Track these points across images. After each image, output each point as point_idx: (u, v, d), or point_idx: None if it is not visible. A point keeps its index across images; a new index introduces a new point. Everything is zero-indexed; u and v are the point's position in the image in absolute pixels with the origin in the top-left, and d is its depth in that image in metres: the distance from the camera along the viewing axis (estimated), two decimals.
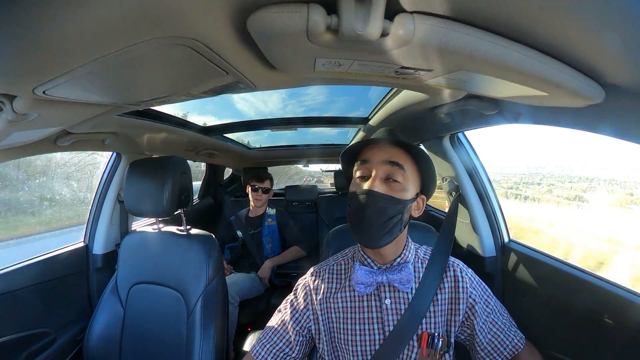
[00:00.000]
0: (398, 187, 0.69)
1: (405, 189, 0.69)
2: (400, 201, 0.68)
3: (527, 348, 0.76)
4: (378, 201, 0.66)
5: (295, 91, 1.77)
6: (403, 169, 0.69)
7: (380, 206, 0.66)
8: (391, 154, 0.70)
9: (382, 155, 0.70)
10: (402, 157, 0.70)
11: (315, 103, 1.91)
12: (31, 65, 0.44)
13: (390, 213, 0.67)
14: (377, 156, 0.70)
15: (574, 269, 0.90)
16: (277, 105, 1.97)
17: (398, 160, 0.69)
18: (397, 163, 0.69)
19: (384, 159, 0.69)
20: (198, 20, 0.39)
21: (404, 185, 0.69)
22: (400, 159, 0.70)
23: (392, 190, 0.68)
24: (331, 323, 0.77)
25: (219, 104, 1.81)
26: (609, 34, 0.38)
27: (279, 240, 2.25)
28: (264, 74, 0.62)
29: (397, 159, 0.69)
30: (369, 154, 0.72)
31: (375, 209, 0.66)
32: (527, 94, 0.58)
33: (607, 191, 3.16)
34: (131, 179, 1.18)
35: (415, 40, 0.39)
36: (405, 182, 0.69)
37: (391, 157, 0.69)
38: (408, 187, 0.70)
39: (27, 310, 1.16)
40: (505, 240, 1.22)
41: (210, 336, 1.06)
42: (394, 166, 0.69)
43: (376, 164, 0.69)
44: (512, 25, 0.40)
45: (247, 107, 1.95)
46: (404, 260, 0.75)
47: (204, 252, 1.14)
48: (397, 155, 0.70)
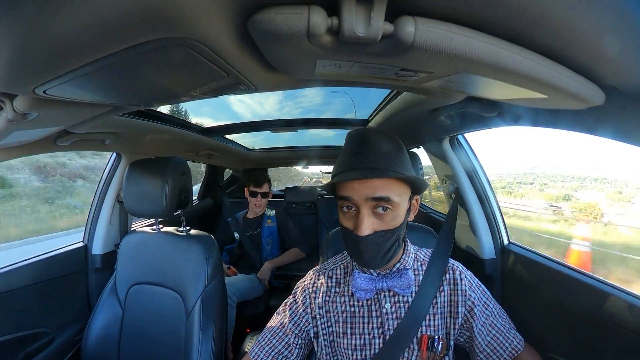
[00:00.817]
0: (389, 217, 0.64)
1: (397, 215, 0.65)
2: (394, 230, 0.65)
3: (526, 350, 0.76)
4: (372, 242, 0.64)
5: (291, 93, 1.78)
6: (390, 200, 0.62)
7: (376, 244, 0.65)
8: (373, 187, 0.62)
9: (364, 191, 0.62)
10: (386, 185, 0.63)
11: (312, 105, 1.92)
12: (32, 64, 0.44)
13: (389, 244, 0.66)
14: (359, 192, 0.63)
15: (573, 271, 0.90)
16: (274, 107, 1.98)
17: (382, 194, 0.62)
18: (382, 198, 0.62)
19: (367, 196, 0.62)
20: (198, 21, 0.39)
21: (395, 213, 0.64)
22: (385, 189, 0.62)
23: (384, 222, 0.64)
24: (330, 327, 0.77)
25: (216, 106, 1.81)
26: (609, 37, 0.38)
27: (278, 242, 2.24)
28: (264, 76, 0.62)
29: (382, 191, 0.62)
30: (349, 191, 0.64)
31: (372, 249, 0.65)
32: (527, 97, 0.58)
33: (597, 190, 3.33)
34: (131, 179, 1.18)
35: (416, 43, 0.39)
36: (395, 209, 0.64)
37: (374, 191, 0.62)
38: (399, 211, 0.65)
39: (26, 309, 1.15)
40: (505, 242, 1.22)
41: (209, 337, 1.05)
42: (380, 201, 0.62)
43: (360, 201, 0.63)
44: (513, 28, 0.40)
45: (243, 108, 1.96)
46: (403, 266, 0.75)
47: (203, 252, 1.14)
48: (380, 187, 0.62)
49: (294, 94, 1.81)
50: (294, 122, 1.89)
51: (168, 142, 1.57)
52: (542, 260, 1.02)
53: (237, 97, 1.62)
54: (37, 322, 1.18)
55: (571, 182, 4.67)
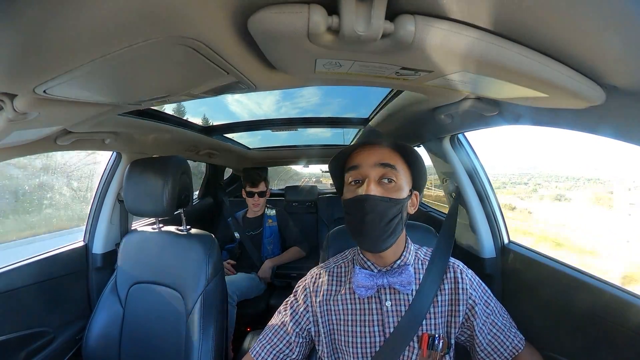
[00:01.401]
0: (393, 187, 0.69)
1: (400, 188, 0.69)
2: (398, 201, 0.68)
3: (527, 349, 0.76)
4: (377, 205, 0.66)
5: (289, 93, 1.77)
6: (395, 169, 0.69)
7: (380, 209, 0.66)
8: (381, 155, 0.70)
9: (373, 158, 0.69)
10: (392, 156, 0.70)
11: (309, 105, 1.92)
12: (32, 64, 0.44)
13: (391, 214, 0.67)
14: (368, 160, 0.69)
15: (573, 271, 0.90)
16: (271, 107, 1.98)
17: (389, 161, 0.69)
18: (389, 164, 0.68)
19: (375, 162, 0.69)
20: (199, 20, 0.39)
21: (399, 185, 0.69)
22: (391, 159, 0.69)
23: (388, 191, 0.68)
24: (331, 325, 0.77)
25: (213, 106, 1.81)
26: (609, 36, 0.38)
27: (279, 241, 2.25)
28: (265, 75, 0.62)
29: (388, 159, 0.69)
30: (359, 159, 0.71)
31: (376, 213, 0.66)
32: (528, 95, 0.58)
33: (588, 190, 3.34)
34: (131, 179, 1.18)
35: (416, 42, 0.39)
36: (399, 181, 0.69)
37: (382, 158, 0.69)
38: (402, 185, 0.70)
39: (27, 309, 1.16)
40: (505, 241, 1.22)
41: (210, 336, 1.06)
42: (386, 167, 0.68)
43: (368, 168, 0.69)
44: (513, 26, 0.40)
45: (240, 108, 1.95)
46: (404, 263, 0.75)
47: (203, 252, 1.14)
48: (387, 156, 0.70)
49: (291, 94, 1.81)
50: (294, 121, 1.89)
51: (168, 141, 1.57)
52: (542, 260, 1.02)
53: (235, 97, 1.62)
54: (37, 322, 1.18)
55: (565, 182, 4.71)
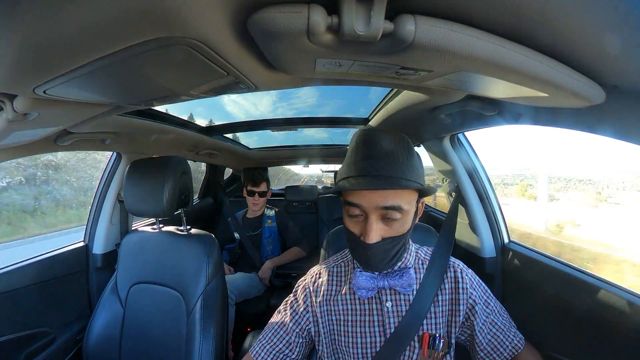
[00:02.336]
0: (397, 224, 0.63)
1: (405, 222, 0.64)
2: (402, 236, 0.65)
3: (526, 349, 0.76)
4: (379, 249, 0.64)
5: (285, 95, 1.77)
6: (402, 209, 0.61)
7: (383, 251, 0.64)
8: (385, 196, 0.61)
9: (375, 200, 0.61)
10: (398, 194, 0.61)
11: (306, 106, 1.92)
12: (32, 64, 0.44)
13: (395, 250, 0.66)
14: (370, 201, 0.61)
15: (574, 270, 0.90)
16: (268, 108, 1.97)
17: (394, 203, 0.60)
18: (393, 207, 0.61)
19: (378, 205, 0.61)
20: (198, 20, 0.38)
21: (404, 220, 0.63)
22: (396, 198, 0.61)
23: (392, 230, 0.63)
24: (331, 325, 0.77)
25: (209, 107, 1.80)
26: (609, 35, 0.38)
27: (279, 242, 2.24)
28: (264, 75, 0.62)
29: (393, 200, 0.60)
30: (359, 198, 0.62)
31: (379, 255, 0.65)
32: (528, 95, 0.58)
33: (578, 190, 3.38)
34: (131, 179, 1.18)
35: (416, 41, 0.39)
36: (404, 216, 0.63)
37: (385, 200, 0.60)
38: (408, 218, 0.64)
39: (27, 309, 1.16)
40: (506, 241, 1.22)
41: (210, 336, 1.06)
42: (390, 209, 0.61)
43: (370, 209, 0.62)
44: (513, 26, 0.40)
45: (237, 109, 1.95)
46: (404, 265, 0.75)
47: (203, 251, 1.14)
48: (392, 196, 0.61)
49: (288, 95, 1.81)
50: (294, 121, 1.89)
51: (168, 142, 1.57)
52: (542, 259, 1.02)
53: (231, 97, 1.61)
54: (38, 322, 1.18)
55: (557, 182, 4.75)
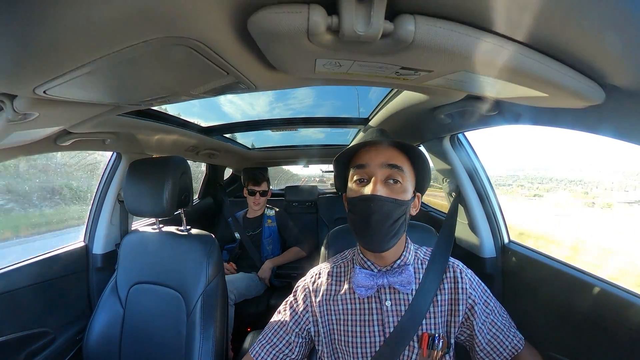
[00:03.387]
0: (399, 188, 0.68)
1: (405, 190, 0.69)
2: (403, 202, 0.68)
3: (526, 349, 0.76)
4: (383, 205, 0.66)
5: (282, 95, 1.78)
6: (402, 170, 0.68)
7: (386, 210, 0.66)
8: (389, 155, 0.69)
9: (380, 158, 0.69)
10: (400, 158, 0.70)
11: (302, 107, 1.92)
12: (32, 65, 0.44)
13: (396, 215, 0.67)
14: (375, 159, 0.69)
15: (574, 270, 0.90)
16: (264, 108, 1.98)
17: (396, 162, 0.68)
18: (396, 165, 0.68)
19: (383, 162, 0.68)
20: (198, 20, 0.39)
21: (405, 186, 0.69)
22: (398, 160, 0.69)
23: (394, 192, 0.68)
24: (331, 325, 0.77)
25: (205, 107, 1.80)
26: (609, 35, 0.38)
27: (279, 242, 2.24)
28: (264, 75, 0.62)
29: (396, 160, 0.69)
30: (366, 158, 0.70)
31: (381, 213, 0.66)
32: (528, 95, 0.58)
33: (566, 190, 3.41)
34: (131, 179, 1.18)
35: (416, 41, 0.39)
36: (405, 182, 0.69)
37: (389, 159, 0.69)
38: (408, 187, 0.70)
39: (27, 309, 1.16)
40: (505, 241, 1.22)
41: (210, 336, 1.06)
42: (393, 168, 0.68)
43: (375, 167, 0.68)
44: (513, 26, 0.40)
45: (233, 109, 1.95)
46: (404, 262, 0.75)
47: (204, 252, 1.14)
48: (395, 157, 0.69)
49: (284, 96, 1.82)
50: (294, 121, 1.89)
51: (168, 142, 1.57)
52: (542, 259, 1.02)
53: (228, 97, 1.61)
54: (38, 322, 1.18)
55: (548, 183, 4.74)
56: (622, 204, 2.38)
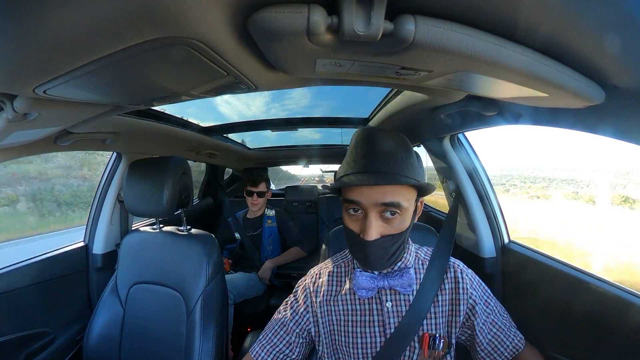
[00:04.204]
0: (396, 222, 0.63)
1: (404, 219, 0.64)
2: (401, 234, 0.65)
3: (527, 348, 0.76)
4: (379, 247, 0.64)
5: (278, 96, 1.78)
6: (400, 205, 0.61)
7: (382, 249, 0.64)
8: (383, 192, 0.61)
9: (374, 196, 0.61)
10: (396, 190, 0.62)
11: (298, 107, 1.93)
12: (32, 65, 0.44)
13: (394, 249, 0.66)
14: (368, 198, 0.61)
15: (574, 270, 0.90)
16: (260, 108, 1.99)
17: (393, 200, 0.61)
18: (392, 203, 0.61)
19: (377, 202, 0.61)
20: (198, 20, 0.38)
21: (403, 217, 0.63)
22: (395, 195, 0.61)
23: (391, 227, 0.63)
24: (332, 325, 0.77)
25: (201, 107, 1.81)
26: (609, 35, 0.38)
27: (279, 242, 2.25)
28: (264, 75, 0.62)
29: (392, 197, 0.61)
30: (358, 195, 0.62)
31: (378, 253, 0.65)
32: (528, 95, 0.58)
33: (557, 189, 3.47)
34: (131, 179, 1.18)
35: (416, 41, 0.39)
36: (403, 214, 0.63)
37: (384, 197, 0.61)
38: (407, 215, 0.64)
39: (27, 310, 1.16)
40: (506, 241, 1.22)
41: (210, 336, 1.06)
42: (389, 206, 0.61)
43: (368, 206, 0.62)
44: (513, 26, 0.40)
45: (229, 110, 1.95)
46: (404, 265, 0.75)
47: (204, 252, 1.14)
48: (390, 192, 0.61)
49: (280, 96, 1.83)
50: (294, 121, 1.89)
51: (168, 142, 1.57)
52: (542, 259, 1.02)
53: (224, 98, 1.62)
54: (38, 322, 1.18)
55: (541, 182, 4.72)
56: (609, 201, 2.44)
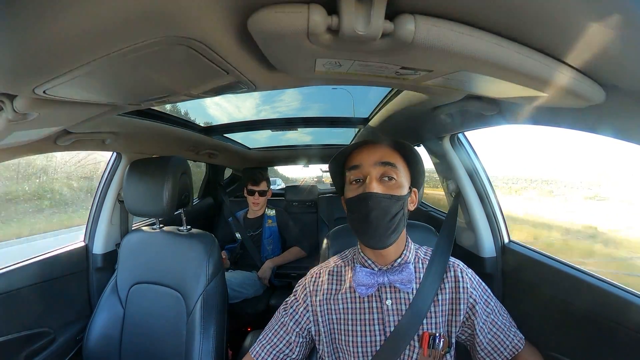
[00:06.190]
0: (394, 184, 0.70)
1: (401, 185, 0.71)
2: (400, 197, 0.70)
3: (527, 348, 0.76)
4: (380, 202, 0.67)
5: (269, 98, 1.78)
6: (396, 167, 0.71)
7: (384, 206, 0.67)
8: (381, 154, 0.72)
9: (373, 157, 0.71)
10: (392, 155, 0.72)
11: (289, 109, 1.94)
12: (32, 65, 0.44)
13: (394, 211, 0.68)
14: (368, 159, 0.71)
15: (574, 270, 0.90)
16: (251, 111, 1.99)
17: (389, 160, 0.71)
18: (389, 162, 0.70)
19: (376, 161, 0.71)
20: (198, 20, 0.39)
21: (400, 182, 0.71)
22: (391, 157, 0.72)
23: (390, 188, 0.70)
24: (332, 324, 0.77)
25: (191, 109, 1.81)
26: (609, 35, 0.38)
27: (279, 242, 2.25)
28: (264, 74, 0.62)
29: (388, 158, 0.71)
30: (360, 159, 0.72)
31: (379, 210, 0.67)
32: (528, 95, 0.58)
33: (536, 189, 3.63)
34: (131, 179, 1.18)
35: (416, 41, 0.39)
36: (399, 178, 0.71)
37: (382, 157, 0.71)
38: (403, 182, 0.71)
39: (27, 309, 1.16)
40: (506, 241, 1.22)
41: (210, 336, 1.06)
42: (386, 166, 0.70)
43: (369, 167, 0.70)
44: (513, 25, 0.40)
45: (220, 112, 1.96)
46: (404, 261, 0.75)
47: (204, 251, 1.14)
48: (387, 155, 0.72)
49: (271, 98, 1.83)
50: (294, 121, 1.89)
51: (168, 141, 1.57)
52: (542, 259, 1.02)
53: (214, 100, 1.62)
54: (38, 322, 1.18)
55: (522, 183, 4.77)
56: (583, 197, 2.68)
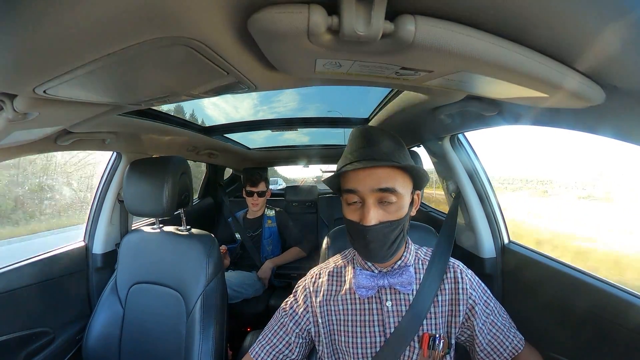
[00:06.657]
0: (394, 208, 0.65)
1: (401, 207, 0.66)
2: (399, 221, 0.66)
3: (526, 349, 0.76)
4: (378, 233, 0.65)
5: (266, 98, 1.79)
6: (395, 191, 0.64)
7: (383, 234, 0.66)
8: (378, 179, 0.64)
9: (370, 183, 0.64)
10: (391, 175, 0.64)
11: (287, 110, 1.94)
12: (32, 64, 0.44)
13: (394, 235, 0.67)
14: (365, 184, 0.64)
15: (573, 271, 0.90)
16: (248, 111, 1.99)
17: (388, 185, 0.63)
18: (388, 189, 0.64)
19: (373, 188, 0.64)
20: (199, 20, 0.39)
21: (399, 204, 0.66)
22: (389, 180, 0.64)
23: (389, 214, 0.65)
24: (331, 325, 0.77)
25: (189, 109, 1.81)
26: (609, 35, 0.38)
27: (279, 242, 2.24)
28: (265, 74, 0.62)
29: (386, 182, 0.64)
30: (356, 182, 0.65)
31: (378, 240, 0.66)
32: (528, 95, 0.58)
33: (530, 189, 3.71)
34: (131, 179, 1.18)
35: (416, 42, 0.39)
36: (400, 200, 0.65)
37: (379, 183, 0.63)
38: (403, 203, 0.66)
39: (27, 309, 1.15)
40: (505, 241, 1.22)
41: (210, 336, 1.06)
42: (385, 192, 0.64)
43: (366, 193, 0.64)
44: (513, 26, 0.40)
45: (217, 112, 1.95)
46: (404, 263, 0.75)
47: (203, 252, 1.14)
48: (385, 177, 0.64)
49: (268, 99, 1.83)
50: (294, 121, 1.89)
51: (168, 141, 1.57)
52: (542, 260, 1.02)
53: (211, 100, 1.62)
54: (38, 322, 1.18)
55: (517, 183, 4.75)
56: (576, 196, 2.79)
